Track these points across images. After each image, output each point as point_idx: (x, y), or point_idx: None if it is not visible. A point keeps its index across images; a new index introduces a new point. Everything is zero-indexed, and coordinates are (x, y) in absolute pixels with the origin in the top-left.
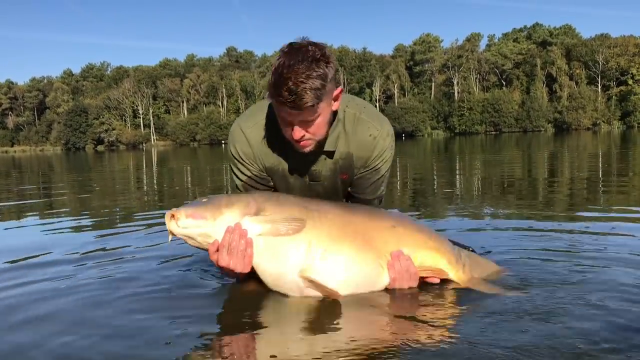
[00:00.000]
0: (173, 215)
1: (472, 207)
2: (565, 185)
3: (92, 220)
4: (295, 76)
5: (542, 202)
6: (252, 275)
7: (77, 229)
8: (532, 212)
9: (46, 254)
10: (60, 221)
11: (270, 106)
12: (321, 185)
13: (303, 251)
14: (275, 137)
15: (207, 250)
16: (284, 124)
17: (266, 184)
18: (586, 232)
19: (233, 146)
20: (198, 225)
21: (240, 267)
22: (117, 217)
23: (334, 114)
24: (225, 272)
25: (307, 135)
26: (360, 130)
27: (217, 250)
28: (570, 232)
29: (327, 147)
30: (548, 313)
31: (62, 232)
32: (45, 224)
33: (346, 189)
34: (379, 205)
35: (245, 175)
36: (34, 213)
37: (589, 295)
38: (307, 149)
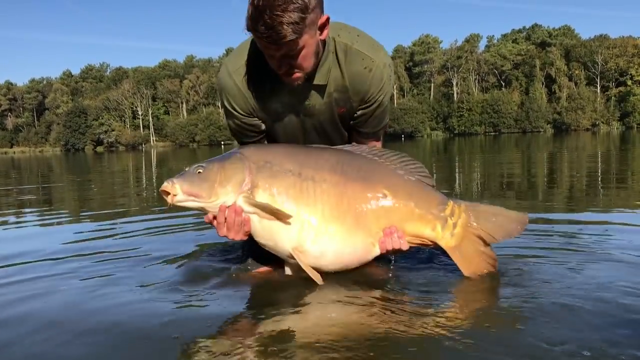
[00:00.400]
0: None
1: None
2: (564, 185)
3: (88, 219)
4: (271, 9)
5: (541, 201)
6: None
7: (73, 225)
8: (531, 211)
9: (24, 255)
10: (56, 220)
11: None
12: (317, 120)
13: (295, 232)
14: (265, 75)
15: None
16: (267, 57)
17: (257, 130)
18: (583, 232)
19: (222, 93)
20: (193, 201)
21: (239, 238)
22: (115, 215)
23: (323, 42)
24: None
25: (293, 69)
26: (353, 62)
27: (215, 219)
28: (567, 232)
29: (318, 80)
30: (533, 307)
31: (55, 230)
32: (39, 224)
33: (346, 122)
34: (382, 136)
35: (235, 123)
36: (32, 211)
37: (576, 293)
38: (298, 82)
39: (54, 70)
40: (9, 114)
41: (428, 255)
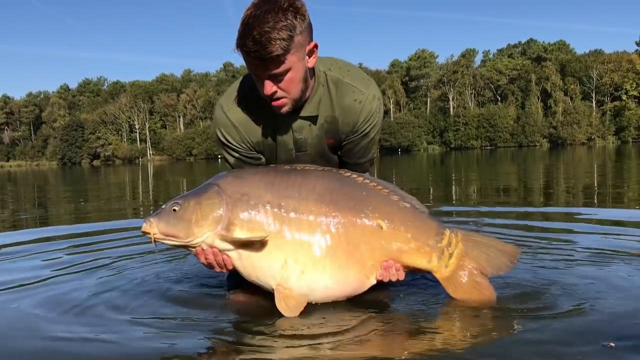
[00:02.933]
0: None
1: (467, 218)
2: (560, 197)
3: (80, 230)
4: (260, 25)
5: (538, 214)
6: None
7: (65, 236)
8: (528, 222)
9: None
10: (52, 239)
11: (249, 78)
12: (308, 155)
13: (277, 270)
14: (258, 110)
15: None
16: (256, 80)
17: (256, 161)
18: (582, 245)
19: (218, 130)
20: (172, 239)
21: (226, 272)
22: (111, 227)
23: (312, 72)
24: None
25: (280, 93)
26: (344, 94)
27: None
28: (565, 241)
29: (309, 112)
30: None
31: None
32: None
33: (335, 153)
34: (369, 168)
35: (234, 157)
36: (27, 226)
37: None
38: (284, 109)
39: (51, 84)
40: (6, 127)
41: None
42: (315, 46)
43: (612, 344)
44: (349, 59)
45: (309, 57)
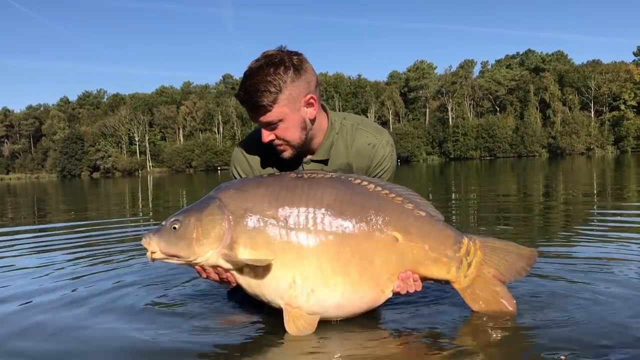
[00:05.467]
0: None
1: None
2: (559, 207)
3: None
4: (252, 77)
5: (538, 226)
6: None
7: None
8: (528, 233)
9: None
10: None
11: None
12: None
13: (285, 289)
14: (273, 153)
15: None
16: (260, 128)
17: None
18: (582, 255)
19: (233, 166)
20: (174, 259)
21: (227, 285)
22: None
23: (313, 122)
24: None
25: (278, 141)
26: (358, 139)
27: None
28: (565, 255)
29: (321, 156)
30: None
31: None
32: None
33: None
34: None
35: None
36: (27, 236)
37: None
38: (286, 155)
39: (51, 97)
40: (6, 140)
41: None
42: (312, 98)
43: (563, 357)
44: (349, 71)
45: (307, 109)
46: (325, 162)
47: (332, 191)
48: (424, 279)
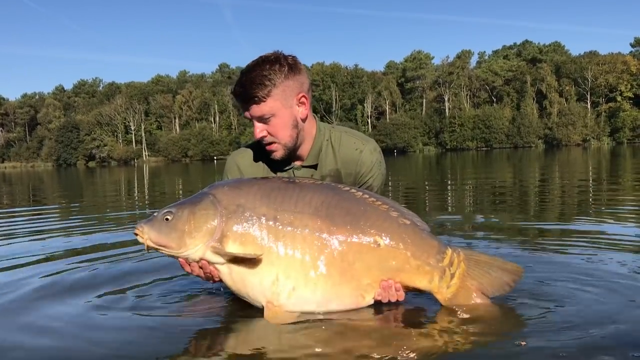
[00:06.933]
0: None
1: (462, 220)
2: (555, 197)
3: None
4: (248, 73)
5: (533, 214)
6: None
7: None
8: (524, 223)
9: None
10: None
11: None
12: None
13: (268, 286)
14: (264, 160)
15: None
16: (253, 124)
17: None
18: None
19: (225, 175)
20: (164, 249)
21: (213, 281)
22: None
23: (304, 121)
24: None
25: (269, 138)
26: (345, 145)
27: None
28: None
29: (310, 162)
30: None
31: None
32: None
33: None
34: None
35: None
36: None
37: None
38: (277, 155)
39: (46, 85)
40: (1, 129)
41: None
42: (304, 96)
43: (524, 342)
44: (345, 61)
45: (299, 107)
46: (314, 167)
47: (320, 195)
48: (406, 288)
